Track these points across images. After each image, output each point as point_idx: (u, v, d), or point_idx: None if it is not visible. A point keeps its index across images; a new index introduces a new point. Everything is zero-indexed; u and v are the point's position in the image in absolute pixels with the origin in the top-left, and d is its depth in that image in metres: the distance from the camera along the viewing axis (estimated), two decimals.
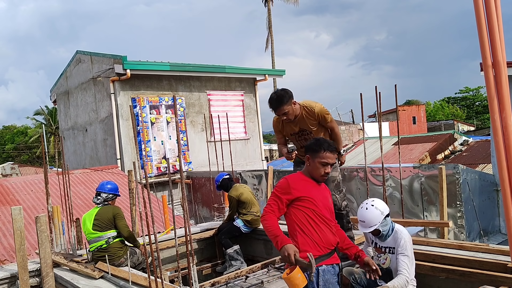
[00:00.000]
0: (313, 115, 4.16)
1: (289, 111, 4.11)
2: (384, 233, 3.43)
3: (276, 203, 2.93)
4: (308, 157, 3.02)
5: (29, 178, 9.39)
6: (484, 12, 1.57)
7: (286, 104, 4.06)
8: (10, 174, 27.63)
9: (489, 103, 1.77)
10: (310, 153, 3.03)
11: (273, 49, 30.22)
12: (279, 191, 2.96)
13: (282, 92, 4.11)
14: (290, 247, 2.72)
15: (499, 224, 7.37)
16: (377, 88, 5.11)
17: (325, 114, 4.19)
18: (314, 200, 2.93)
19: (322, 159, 2.95)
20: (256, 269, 4.43)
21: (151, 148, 10.93)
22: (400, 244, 3.37)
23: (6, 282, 4.66)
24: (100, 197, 4.91)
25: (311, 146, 3.05)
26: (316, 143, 3.04)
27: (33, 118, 40.16)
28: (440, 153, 16.67)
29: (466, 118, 46.83)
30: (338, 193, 4.32)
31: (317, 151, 2.98)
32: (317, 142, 3.03)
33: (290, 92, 4.14)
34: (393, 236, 3.45)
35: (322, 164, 2.96)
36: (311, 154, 3.01)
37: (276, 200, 2.94)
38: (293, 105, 4.11)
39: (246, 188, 6.12)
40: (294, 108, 4.12)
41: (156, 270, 3.63)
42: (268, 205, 2.95)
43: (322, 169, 2.97)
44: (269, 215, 2.90)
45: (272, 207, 2.93)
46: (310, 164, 3.02)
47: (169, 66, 11.13)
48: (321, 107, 4.20)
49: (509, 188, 1.81)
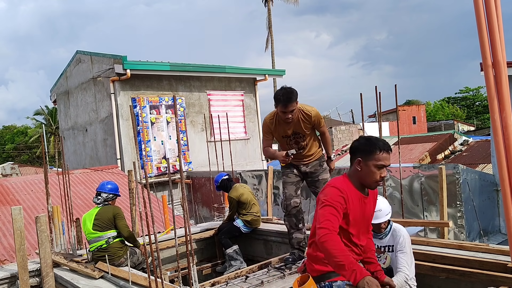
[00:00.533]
0: (309, 118, 4.14)
1: (295, 109, 4.02)
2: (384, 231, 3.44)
3: (336, 218, 2.40)
4: (360, 160, 2.51)
5: (29, 178, 9.39)
6: (484, 12, 1.57)
7: (295, 101, 4.00)
8: (10, 174, 27.62)
9: (489, 103, 1.77)
10: (361, 155, 2.52)
11: (273, 49, 30.25)
12: (337, 202, 2.44)
13: (292, 89, 4.00)
14: (373, 281, 2.19)
15: (499, 224, 7.37)
16: (377, 88, 5.11)
17: (320, 119, 4.21)
18: (349, 217, 2.52)
19: (379, 161, 2.47)
20: (256, 269, 4.44)
21: (151, 148, 10.93)
22: (399, 241, 3.38)
23: (6, 282, 4.66)
24: (100, 197, 4.91)
25: (363, 147, 2.53)
26: (368, 143, 2.51)
27: (33, 118, 40.20)
28: (440, 153, 16.67)
29: (466, 118, 46.84)
30: None
31: (372, 152, 2.48)
32: (370, 142, 2.51)
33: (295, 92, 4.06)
34: (392, 234, 3.47)
35: (378, 167, 2.48)
36: (363, 156, 2.51)
37: (335, 214, 2.40)
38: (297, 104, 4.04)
39: (246, 188, 6.11)
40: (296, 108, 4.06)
41: (156, 270, 3.63)
42: (327, 221, 2.37)
43: (378, 173, 2.49)
44: (332, 235, 2.32)
45: (333, 223, 2.37)
46: (362, 168, 2.51)
47: (169, 66, 11.13)
48: (317, 112, 4.20)
49: (509, 188, 1.81)
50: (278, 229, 5.77)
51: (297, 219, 4.37)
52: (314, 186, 4.39)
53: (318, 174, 4.36)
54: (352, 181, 2.56)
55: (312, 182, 4.40)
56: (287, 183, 4.38)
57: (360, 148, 2.54)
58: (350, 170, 2.61)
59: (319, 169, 4.37)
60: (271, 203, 6.95)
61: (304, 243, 4.41)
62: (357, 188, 2.56)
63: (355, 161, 2.55)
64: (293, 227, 4.39)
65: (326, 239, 2.28)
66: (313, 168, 4.36)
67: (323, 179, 4.31)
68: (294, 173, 4.39)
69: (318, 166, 4.38)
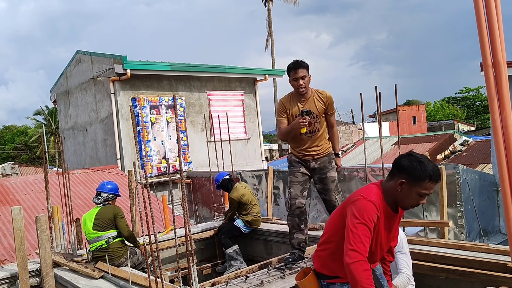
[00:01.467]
0: (324, 98, 4.19)
1: (306, 77, 4.11)
2: None
3: (369, 239, 2.26)
4: (403, 182, 2.28)
5: (29, 178, 9.39)
6: (484, 11, 1.57)
7: (306, 68, 4.12)
8: (10, 174, 27.62)
9: (489, 103, 1.77)
10: (408, 177, 2.28)
11: (273, 49, 30.22)
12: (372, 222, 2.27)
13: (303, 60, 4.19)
14: None
15: (499, 224, 7.37)
16: (377, 88, 5.10)
17: (333, 103, 4.25)
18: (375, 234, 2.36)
19: (424, 189, 2.25)
20: (256, 269, 4.43)
21: (151, 148, 10.93)
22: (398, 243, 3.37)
23: (6, 282, 4.66)
24: (100, 197, 4.91)
25: (412, 170, 2.26)
26: (420, 168, 2.23)
27: (33, 118, 40.20)
28: (440, 153, 16.67)
29: (466, 118, 46.84)
30: (337, 193, 4.30)
31: (421, 179, 2.23)
32: (422, 167, 2.23)
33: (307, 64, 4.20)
34: None
35: (421, 195, 2.28)
36: (409, 180, 2.27)
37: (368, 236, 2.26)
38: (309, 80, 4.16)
39: (246, 188, 6.10)
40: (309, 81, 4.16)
41: (156, 270, 3.63)
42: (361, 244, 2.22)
43: (418, 200, 2.30)
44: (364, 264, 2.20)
45: (366, 247, 2.23)
46: (402, 190, 2.30)
47: (169, 66, 11.13)
48: (330, 95, 4.26)
49: (509, 188, 1.80)
50: (278, 229, 5.77)
51: (300, 220, 4.32)
52: (322, 183, 4.30)
53: (327, 171, 4.27)
54: (385, 196, 2.37)
55: (320, 179, 4.30)
56: (293, 182, 4.32)
57: (408, 170, 2.28)
58: (387, 184, 2.39)
59: (328, 166, 4.28)
60: (271, 203, 6.95)
61: (304, 244, 4.40)
62: (388, 204, 2.39)
63: (397, 179, 2.31)
64: (295, 227, 4.37)
65: (356, 267, 2.19)
66: (322, 164, 4.26)
67: (331, 177, 4.24)
68: (301, 172, 4.31)
69: (327, 162, 4.28)
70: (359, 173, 7.03)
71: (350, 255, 2.21)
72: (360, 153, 17.25)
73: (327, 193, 4.29)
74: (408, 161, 2.31)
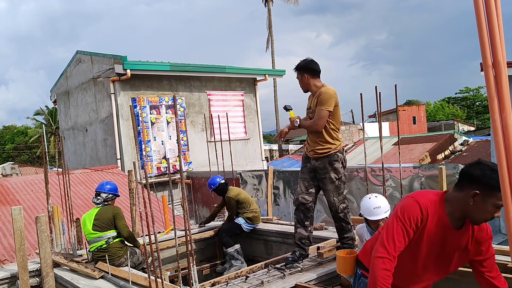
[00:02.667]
0: (318, 94, 4.15)
1: (298, 78, 4.25)
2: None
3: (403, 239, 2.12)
4: (477, 193, 2.00)
5: (29, 178, 9.39)
6: (484, 11, 1.56)
7: (298, 70, 4.23)
8: (10, 174, 27.63)
9: (489, 103, 1.77)
10: (482, 188, 1.99)
11: (273, 49, 30.23)
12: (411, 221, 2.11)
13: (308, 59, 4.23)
14: None
15: (499, 224, 7.37)
16: (377, 88, 5.10)
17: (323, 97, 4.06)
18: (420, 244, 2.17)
19: (499, 200, 1.92)
20: (256, 269, 4.43)
21: (151, 148, 10.93)
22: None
23: (6, 282, 4.66)
24: (99, 197, 4.91)
25: (488, 180, 1.97)
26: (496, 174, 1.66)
27: (33, 118, 40.20)
28: (440, 153, 16.68)
29: (466, 118, 46.85)
30: (337, 195, 4.23)
31: (495, 188, 1.90)
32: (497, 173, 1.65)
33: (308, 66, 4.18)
34: None
35: (497, 207, 1.99)
36: (484, 191, 1.99)
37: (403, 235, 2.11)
38: (304, 79, 4.19)
39: (239, 189, 6.27)
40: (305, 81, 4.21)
41: (156, 270, 3.63)
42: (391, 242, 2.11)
43: (493, 213, 2.02)
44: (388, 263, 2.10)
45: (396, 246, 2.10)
46: (476, 202, 2.02)
47: (169, 66, 11.13)
48: (328, 90, 4.10)
49: (509, 188, 1.80)
50: (278, 229, 5.77)
51: (304, 216, 4.30)
52: (322, 182, 4.27)
53: (326, 172, 4.20)
54: (448, 206, 2.12)
55: (320, 179, 4.27)
56: (300, 178, 4.38)
57: (483, 180, 2.00)
58: (454, 195, 2.13)
59: (328, 167, 4.19)
60: (271, 203, 6.96)
61: (307, 241, 4.34)
62: (448, 215, 2.11)
63: (468, 191, 2.03)
64: (299, 222, 4.35)
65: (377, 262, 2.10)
66: (322, 164, 4.21)
67: (330, 178, 4.18)
68: (307, 168, 4.32)
69: (328, 163, 4.20)
70: (359, 173, 7.04)
71: (377, 249, 2.13)
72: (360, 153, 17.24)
73: (325, 193, 4.28)
74: (479, 170, 2.03)
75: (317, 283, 3.88)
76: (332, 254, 4.39)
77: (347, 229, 4.31)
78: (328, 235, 5.09)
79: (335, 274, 4.11)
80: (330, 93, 4.09)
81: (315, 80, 4.21)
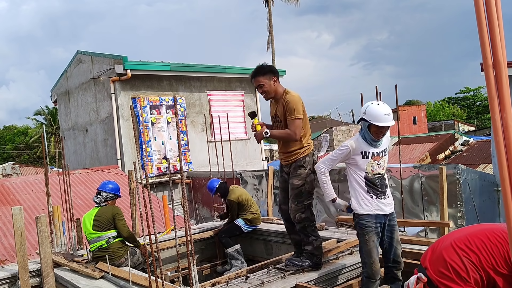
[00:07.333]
0: (283, 102, 3.93)
1: (265, 85, 3.94)
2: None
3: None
4: None
5: (29, 178, 9.39)
6: (484, 11, 1.56)
7: (263, 76, 3.93)
8: (11, 174, 27.63)
9: (490, 103, 1.77)
10: None
11: (273, 49, 30.26)
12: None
13: (264, 65, 4.01)
14: None
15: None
16: (377, 88, 5.10)
17: (290, 105, 3.86)
18: None
19: None
20: (257, 269, 4.43)
21: (152, 148, 10.93)
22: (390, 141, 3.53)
23: (7, 282, 4.66)
24: (100, 196, 4.90)
25: None
26: None
27: (34, 118, 40.26)
28: (441, 153, 16.68)
29: (467, 118, 46.85)
30: (296, 202, 3.98)
31: None
32: None
33: (274, 69, 4.02)
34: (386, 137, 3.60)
35: None
36: None
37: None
38: (274, 83, 3.95)
39: (241, 189, 6.23)
40: (273, 86, 3.96)
41: (157, 270, 3.63)
42: None
43: None
44: None
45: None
46: None
47: (169, 66, 11.14)
48: (293, 98, 3.89)
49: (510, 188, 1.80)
50: (278, 229, 5.77)
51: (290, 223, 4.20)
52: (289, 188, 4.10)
53: (291, 177, 4.05)
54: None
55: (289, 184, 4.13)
56: (278, 188, 4.30)
57: None
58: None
59: (293, 173, 4.04)
60: (271, 203, 6.95)
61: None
62: None
63: None
64: (289, 229, 4.33)
65: None
66: (290, 169, 4.08)
67: (292, 184, 4.00)
68: (283, 177, 4.21)
69: (293, 169, 4.03)
70: None
71: None
72: None
73: (288, 199, 4.10)
74: None
75: (317, 283, 3.89)
76: (333, 254, 4.39)
77: (307, 242, 4.07)
78: (328, 235, 5.09)
79: (336, 274, 4.12)
80: (297, 100, 3.90)
81: (279, 85, 4.03)
